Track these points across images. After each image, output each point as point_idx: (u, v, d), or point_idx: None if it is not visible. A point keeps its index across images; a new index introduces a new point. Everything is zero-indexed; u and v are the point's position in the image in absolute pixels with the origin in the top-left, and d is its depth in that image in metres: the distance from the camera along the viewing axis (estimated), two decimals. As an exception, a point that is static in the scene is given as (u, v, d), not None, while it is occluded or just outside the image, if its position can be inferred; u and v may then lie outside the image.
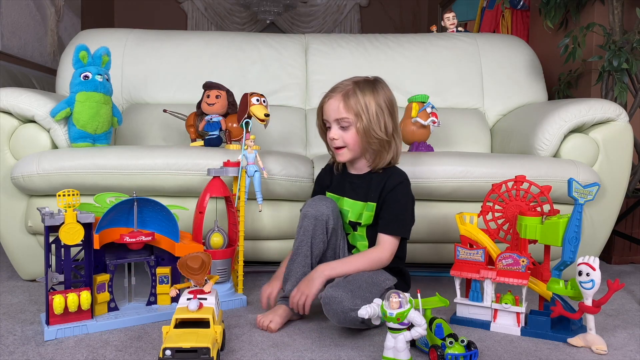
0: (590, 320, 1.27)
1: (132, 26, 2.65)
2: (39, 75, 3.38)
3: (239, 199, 1.62)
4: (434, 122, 1.96)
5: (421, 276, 1.92)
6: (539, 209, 1.41)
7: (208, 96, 1.90)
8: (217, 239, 1.57)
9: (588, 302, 1.26)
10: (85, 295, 1.31)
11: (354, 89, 1.39)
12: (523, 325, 1.36)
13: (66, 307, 1.30)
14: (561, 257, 1.34)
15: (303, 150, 2.27)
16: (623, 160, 1.85)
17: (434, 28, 2.83)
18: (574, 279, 1.28)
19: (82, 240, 1.32)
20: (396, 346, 1.11)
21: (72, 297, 1.30)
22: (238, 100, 1.83)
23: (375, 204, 1.42)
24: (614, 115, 1.83)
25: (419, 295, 1.17)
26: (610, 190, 1.83)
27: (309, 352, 1.23)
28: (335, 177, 1.51)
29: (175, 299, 1.46)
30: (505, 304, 1.36)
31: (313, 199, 1.43)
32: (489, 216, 1.48)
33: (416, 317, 1.10)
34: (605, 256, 2.17)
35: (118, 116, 1.90)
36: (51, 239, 1.32)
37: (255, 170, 1.59)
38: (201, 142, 1.92)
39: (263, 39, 2.46)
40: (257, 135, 1.96)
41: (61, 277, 1.33)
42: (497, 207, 1.47)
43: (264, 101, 1.72)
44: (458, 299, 1.45)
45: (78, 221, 1.30)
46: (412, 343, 1.24)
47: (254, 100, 1.69)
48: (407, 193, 1.43)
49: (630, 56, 1.99)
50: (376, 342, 1.29)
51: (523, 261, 1.36)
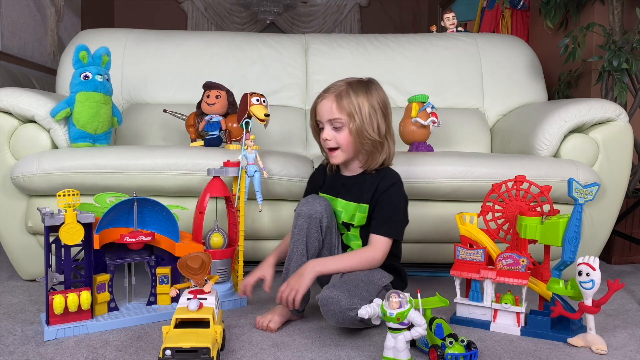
0: (590, 320, 1.27)
1: (132, 26, 2.65)
2: (39, 75, 3.38)
3: (239, 199, 1.62)
4: (434, 122, 1.96)
5: (421, 276, 1.92)
6: (539, 209, 1.41)
7: (208, 96, 1.90)
8: (217, 239, 1.57)
9: (588, 302, 1.26)
10: (85, 295, 1.31)
11: (347, 90, 1.38)
12: (523, 325, 1.36)
13: (66, 307, 1.30)
14: (561, 257, 1.34)
15: (303, 150, 2.27)
16: (623, 160, 1.85)
17: (433, 28, 2.83)
18: (574, 279, 1.28)
19: (82, 240, 1.32)
20: (396, 346, 1.11)
21: (72, 297, 1.30)
22: (238, 100, 1.83)
23: (367, 205, 1.41)
24: (614, 115, 1.83)
25: (419, 295, 1.17)
26: (610, 190, 1.83)
27: (309, 352, 1.23)
28: (328, 178, 1.51)
29: (175, 299, 1.46)
30: (505, 304, 1.36)
31: (306, 198, 1.43)
32: (489, 216, 1.48)
33: (416, 317, 1.10)
34: (605, 256, 2.17)
35: (118, 116, 1.90)
36: (51, 239, 1.32)
37: (255, 170, 1.59)
38: (201, 142, 1.92)
39: (263, 39, 2.46)
40: (257, 135, 1.96)
41: (61, 277, 1.34)
42: (497, 207, 1.47)
43: (264, 101, 1.72)
44: (458, 299, 1.45)
45: (78, 221, 1.30)
46: (412, 343, 1.24)
47: (254, 100, 1.69)
48: (399, 194, 1.42)
49: (630, 56, 1.99)
50: (376, 342, 1.29)
51: (523, 261, 1.36)
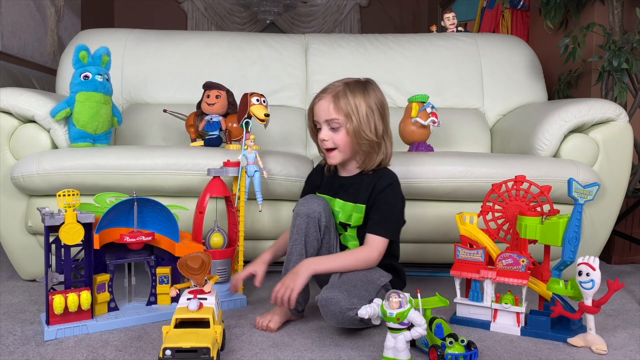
0: (590, 320, 1.27)
1: (132, 26, 2.65)
2: (39, 75, 3.38)
3: (239, 199, 1.62)
4: (434, 122, 1.96)
5: (421, 276, 1.92)
6: (539, 209, 1.41)
7: (208, 96, 1.90)
8: (217, 239, 1.57)
9: (588, 302, 1.26)
10: (85, 295, 1.31)
11: (344, 90, 1.38)
12: (523, 325, 1.36)
13: (66, 307, 1.30)
14: (561, 257, 1.34)
15: (303, 150, 2.27)
16: (623, 160, 1.85)
17: (433, 28, 2.83)
18: (574, 279, 1.28)
19: (82, 240, 1.32)
20: (396, 346, 1.11)
21: (72, 297, 1.30)
22: (238, 100, 1.83)
23: (364, 205, 1.41)
24: (614, 115, 1.83)
25: (419, 295, 1.17)
26: (610, 190, 1.83)
27: (309, 352, 1.23)
28: (326, 178, 1.51)
29: (175, 299, 1.46)
30: (505, 304, 1.36)
31: (304, 198, 1.43)
32: (489, 216, 1.48)
33: (416, 317, 1.10)
34: (605, 256, 2.17)
35: (118, 116, 1.90)
36: (51, 239, 1.32)
37: (255, 170, 1.59)
38: (201, 142, 1.92)
39: (263, 39, 2.46)
40: (257, 135, 1.96)
41: (61, 277, 1.34)
42: (497, 207, 1.47)
43: (264, 101, 1.72)
44: (458, 299, 1.45)
45: (78, 221, 1.30)
46: (412, 343, 1.24)
47: (254, 100, 1.69)
48: (396, 194, 1.41)
49: (630, 56, 1.99)
50: (376, 342, 1.29)
51: (523, 261, 1.36)
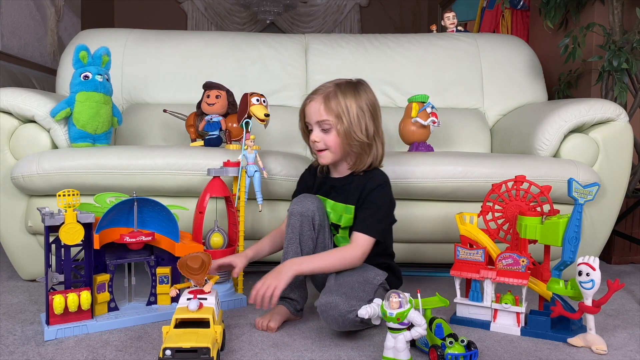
0: (590, 320, 1.27)
1: (132, 26, 2.66)
2: (39, 75, 3.38)
3: (239, 199, 1.62)
4: (434, 122, 1.96)
5: (421, 276, 1.92)
6: (539, 209, 1.41)
7: (208, 96, 1.90)
8: (217, 239, 1.57)
9: (588, 302, 1.26)
10: (85, 295, 1.31)
11: (334, 91, 1.38)
12: (523, 325, 1.36)
13: (66, 307, 1.30)
14: (561, 257, 1.34)
15: (303, 150, 2.27)
16: (623, 160, 1.85)
17: (433, 27, 2.83)
18: (574, 279, 1.28)
19: (82, 240, 1.32)
20: (396, 346, 1.11)
21: (72, 297, 1.30)
22: (238, 100, 1.83)
23: (354, 206, 1.41)
24: (614, 115, 1.83)
25: (419, 295, 1.17)
26: (610, 190, 1.83)
27: (309, 352, 1.23)
28: (318, 179, 1.50)
29: (175, 299, 1.46)
30: (505, 304, 1.36)
31: (298, 197, 1.43)
32: (489, 216, 1.48)
33: (416, 317, 1.10)
34: (605, 256, 2.17)
35: (118, 116, 1.90)
36: (51, 239, 1.32)
37: (255, 170, 1.59)
38: (201, 142, 1.92)
39: (263, 39, 2.46)
40: (257, 135, 1.96)
41: (61, 277, 1.34)
42: (497, 207, 1.47)
43: (264, 101, 1.72)
44: (458, 299, 1.45)
45: (78, 221, 1.30)
46: (412, 343, 1.24)
47: (254, 100, 1.69)
48: (384, 195, 1.41)
49: (630, 56, 1.99)
50: (376, 342, 1.29)
51: (523, 261, 1.36)
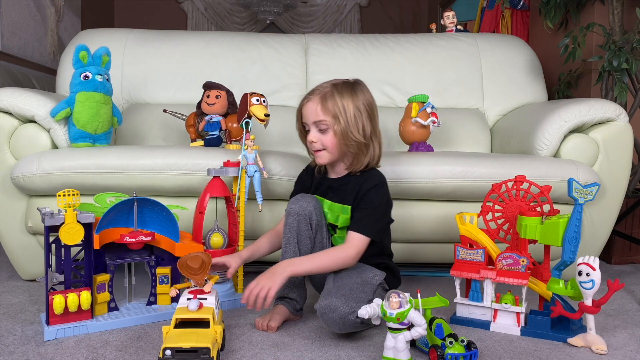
0: (590, 320, 1.27)
1: (132, 26, 2.66)
2: (39, 75, 3.38)
3: (239, 199, 1.62)
4: (434, 122, 1.96)
5: (421, 276, 1.92)
6: (539, 209, 1.41)
7: (208, 96, 1.90)
8: (217, 239, 1.57)
9: (588, 302, 1.26)
10: (85, 295, 1.31)
11: (331, 92, 1.38)
12: (523, 325, 1.36)
13: (66, 307, 1.30)
14: (561, 257, 1.34)
15: (303, 150, 2.25)
16: (623, 160, 1.85)
17: (433, 26, 2.84)
18: (574, 279, 1.28)
19: (82, 240, 1.32)
20: (396, 346, 1.11)
21: (72, 297, 1.30)
22: (238, 100, 1.83)
23: (350, 207, 1.40)
24: (614, 115, 1.83)
25: (419, 295, 1.17)
26: (610, 190, 1.83)
27: (309, 352, 1.23)
28: (316, 179, 1.50)
29: (175, 299, 1.46)
30: (505, 304, 1.36)
31: (296, 197, 1.43)
32: (489, 216, 1.48)
33: (416, 317, 1.10)
34: (605, 256, 2.17)
35: (118, 116, 1.90)
36: (51, 239, 1.32)
37: (255, 170, 1.60)
38: (201, 142, 1.92)
39: (263, 39, 2.46)
40: (257, 135, 1.96)
41: (61, 277, 1.34)
42: (497, 207, 1.47)
43: (264, 101, 1.72)
44: (458, 299, 1.45)
45: (78, 221, 1.30)
46: (412, 343, 1.24)
47: (254, 100, 1.69)
48: (381, 196, 1.40)
49: (630, 56, 1.99)
50: (376, 342, 1.29)
51: (523, 261, 1.36)
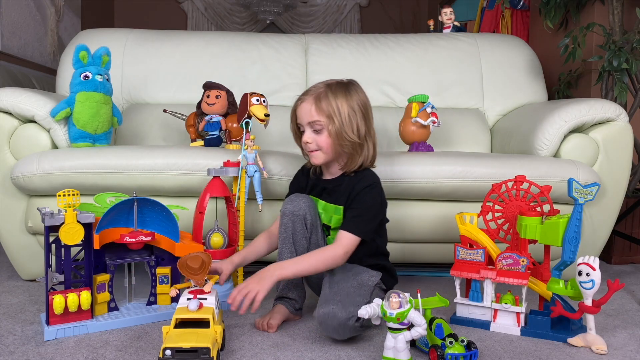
0: (590, 320, 1.27)
1: (132, 26, 2.65)
2: (39, 75, 3.38)
3: (239, 199, 1.62)
4: (434, 122, 1.96)
5: (421, 276, 1.92)
6: (539, 209, 1.41)
7: (208, 96, 1.90)
8: (217, 239, 1.57)
9: (588, 302, 1.26)
10: (85, 295, 1.31)
11: (325, 92, 1.38)
12: (523, 325, 1.36)
13: (66, 307, 1.30)
14: (561, 257, 1.34)
15: (303, 150, 2.27)
16: (623, 160, 1.85)
17: (431, 22, 2.86)
18: (574, 279, 1.28)
19: (82, 240, 1.32)
20: (396, 346, 1.11)
21: (72, 297, 1.30)
22: (238, 100, 1.83)
23: (342, 207, 1.40)
24: (614, 115, 1.83)
25: (419, 295, 1.17)
26: (610, 190, 1.83)
27: (309, 352, 1.23)
28: (311, 180, 1.50)
29: (175, 299, 1.46)
30: (505, 304, 1.36)
31: (290, 197, 1.43)
32: (489, 216, 1.48)
33: (416, 317, 1.10)
34: (605, 256, 2.17)
35: (118, 116, 1.90)
36: (51, 239, 1.32)
37: (255, 170, 1.60)
38: (201, 142, 1.92)
39: (263, 39, 2.46)
40: (257, 135, 1.96)
41: (61, 277, 1.34)
42: (497, 207, 1.47)
43: (264, 101, 1.72)
44: (458, 299, 1.45)
45: (78, 221, 1.30)
46: (412, 343, 1.24)
47: (254, 100, 1.69)
48: (373, 196, 1.39)
49: (630, 56, 1.99)
50: (376, 342, 1.29)
51: (523, 261, 1.36)
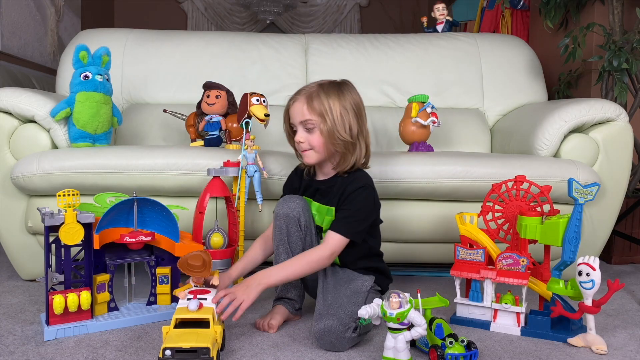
0: (590, 320, 1.27)
1: (132, 26, 2.65)
2: (39, 75, 3.38)
3: (239, 199, 1.62)
4: (434, 122, 1.96)
5: (421, 276, 1.92)
6: (539, 209, 1.41)
7: (208, 96, 1.90)
8: (217, 239, 1.57)
9: (588, 302, 1.26)
10: (85, 295, 1.31)
11: (317, 91, 1.37)
12: (523, 325, 1.36)
13: (66, 307, 1.30)
14: (561, 257, 1.34)
15: (303, 150, 2.27)
16: (623, 160, 1.85)
17: (424, 19, 2.87)
18: (574, 279, 1.28)
19: (82, 240, 1.32)
20: (396, 346, 1.11)
21: (72, 297, 1.30)
22: (238, 100, 1.83)
23: (334, 208, 1.40)
24: (614, 115, 1.83)
25: (419, 295, 1.17)
26: (610, 190, 1.83)
27: (309, 352, 1.23)
28: (304, 181, 1.49)
29: (176, 299, 1.46)
30: (505, 304, 1.36)
31: (284, 198, 1.42)
32: (489, 216, 1.48)
33: (416, 317, 1.10)
34: (605, 256, 2.17)
35: (118, 116, 1.90)
36: (51, 239, 1.32)
37: (255, 170, 1.60)
38: (201, 142, 1.92)
39: (263, 39, 2.46)
40: (257, 135, 1.96)
41: (61, 277, 1.34)
42: (497, 207, 1.47)
43: (264, 101, 1.72)
44: (458, 299, 1.45)
45: (78, 221, 1.30)
46: (412, 343, 1.24)
47: (254, 100, 1.69)
48: (365, 198, 1.38)
49: (630, 56, 1.99)
50: (376, 342, 1.29)
51: (523, 261, 1.36)
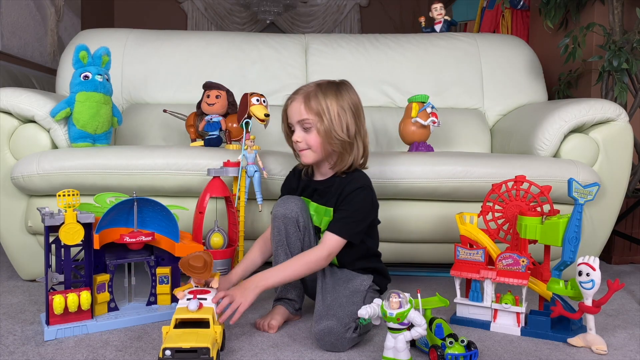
0: (590, 320, 1.27)
1: (132, 26, 2.65)
2: (39, 75, 3.38)
3: (239, 199, 1.62)
4: (434, 122, 1.96)
5: (421, 276, 1.92)
6: (539, 209, 1.41)
7: (208, 96, 1.90)
8: (217, 239, 1.57)
9: (588, 302, 1.26)
10: (85, 295, 1.31)
11: (315, 91, 1.37)
12: (523, 325, 1.36)
13: (66, 307, 1.30)
14: (561, 257, 1.34)
15: (303, 150, 2.27)
16: (623, 160, 1.85)
17: (422, 19, 2.87)
18: (574, 279, 1.28)
19: (82, 240, 1.32)
20: (396, 346, 1.11)
21: (72, 297, 1.30)
22: (238, 100, 1.83)
23: (332, 209, 1.39)
24: (614, 115, 1.83)
25: (419, 295, 1.17)
26: (610, 190, 1.83)
27: (309, 352, 1.23)
28: (302, 182, 1.49)
29: (176, 299, 1.46)
30: (505, 304, 1.36)
31: (282, 199, 1.42)
32: (489, 216, 1.48)
33: (416, 317, 1.10)
34: (605, 256, 2.17)
35: (118, 116, 1.90)
36: (51, 239, 1.32)
37: (255, 170, 1.60)
38: (201, 142, 1.92)
39: (263, 39, 2.46)
40: (257, 135, 1.96)
41: (61, 277, 1.34)
42: (497, 207, 1.47)
43: (264, 101, 1.72)
44: (458, 299, 1.45)
45: (78, 221, 1.30)
46: (412, 343, 1.24)
47: (254, 100, 1.69)
48: (363, 198, 1.38)
49: (630, 56, 1.99)
50: (376, 342, 1.29)
51: (523, 261, 1.36)
